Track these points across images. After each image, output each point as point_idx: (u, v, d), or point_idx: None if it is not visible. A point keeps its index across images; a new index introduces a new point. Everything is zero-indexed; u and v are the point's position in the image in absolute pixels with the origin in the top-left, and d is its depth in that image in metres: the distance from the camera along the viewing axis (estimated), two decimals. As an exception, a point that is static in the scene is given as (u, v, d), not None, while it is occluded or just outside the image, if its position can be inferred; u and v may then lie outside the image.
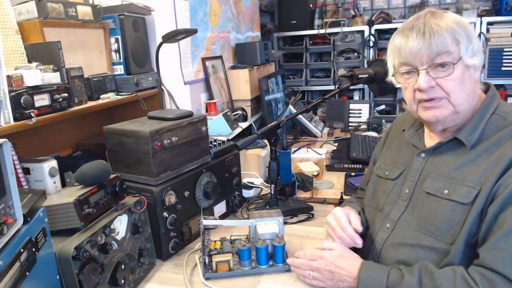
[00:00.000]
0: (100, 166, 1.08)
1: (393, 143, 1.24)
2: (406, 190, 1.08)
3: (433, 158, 1.05)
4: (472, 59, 0.96)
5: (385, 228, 1.09)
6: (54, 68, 1.24)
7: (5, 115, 1.05)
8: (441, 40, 0.93)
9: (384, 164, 1.21)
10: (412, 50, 0.96)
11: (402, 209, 1.07)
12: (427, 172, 1.05)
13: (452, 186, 0.97)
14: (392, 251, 1.05)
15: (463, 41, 0.94)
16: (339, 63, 3.52)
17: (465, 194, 0.94)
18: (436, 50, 0.94)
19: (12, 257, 0.75)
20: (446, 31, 0.93)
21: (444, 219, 0.96)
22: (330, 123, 3.07)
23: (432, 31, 0.94)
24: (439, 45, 0.93)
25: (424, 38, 0.94)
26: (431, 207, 0.99)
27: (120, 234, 1.12)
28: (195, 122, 1.38)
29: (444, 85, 0.95)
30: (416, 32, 0.95)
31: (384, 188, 1.16)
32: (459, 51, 0.94)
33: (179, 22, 1.93)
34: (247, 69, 2.49)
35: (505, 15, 3.11)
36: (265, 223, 1.22)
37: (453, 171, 0.99)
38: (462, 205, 0.94)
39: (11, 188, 0.77)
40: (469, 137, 0.98)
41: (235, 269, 1.18)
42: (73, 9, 1.43)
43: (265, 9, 3.64)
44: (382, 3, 3.76)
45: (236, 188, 1.61)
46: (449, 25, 0.94)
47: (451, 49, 0.94)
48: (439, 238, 0.96)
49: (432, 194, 1.00)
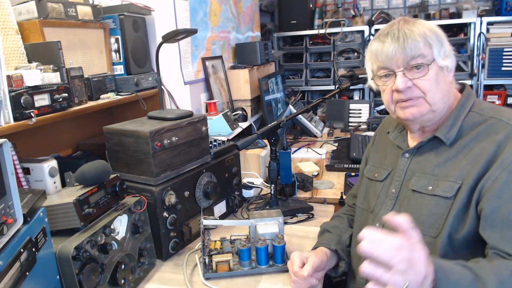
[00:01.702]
0: (100, 166, 1.08)
1: (380, 146, 1.28)
2: (392, 190, 1.12)
3: (417, 158, 1.09)
4: (445, 61, 1.01)
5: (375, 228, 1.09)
6: (54, 68, 1.24)
7: (5, 115, 1.05)
8: (414, 44, 0.99)
9: (373, 167, 1.25)
10: (388, 54, 1.01)
11: (389, 208, 1.10)
12: (412, 171, 1.09)
13: (435, 182, 1.01)
14: None
15: (435, 44, 1.00)
16: (339, 63, 3.52)
17: (447, 188, 0.98)
18: (410, 53, 0.99)
19: (12, 257, 0.75)
20: (418, 36, 0.99)
21: (428, 214, 1.00)
22: (330, 123, 3.07)
23: (405, 36, 0.99)
24: (412, 49, 0.99)
25: (398, 42, 1.00)
26: (417, 203, 1.03)
27: (120, 234, 1.12)
28: (195, 122, 1.38)
29: (420, 85, 1.01)
30: (391, 37, 1.01)
31: (374, 190, 1.19)
32: (432, 53, 1.00)
33: (179, 22, 1.93)
34: (247, 69, 2.49)
35: (505, 15, 3.11)
36: (265, 223, 1.22)
37: (436, 168, 1.03)
38: (445, 199, 0.98)
39: (11, 188, 0.77)
40: (447, 135, 1.03)
41: (235, 269, 1.18)
42: (73, 9, 1.43)
43: (265, 9, 3.64)
44: (382, 3, 3.76)
45: (236, 188, 1.61)
46: (421, 30, 1.00)
47: (424, 52, 0.99)
48: (424, 233, 0.98)
49: (417, 191, 1.04)
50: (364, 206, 1.23)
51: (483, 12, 3.19)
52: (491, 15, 3.20)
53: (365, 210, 1.21)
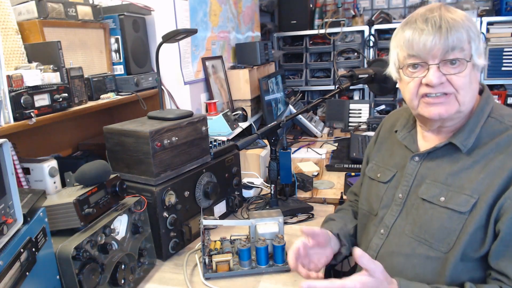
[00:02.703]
0: (100, 166, 1.08)
1: (384, 143, 1.21)
2: (399, 195, 1.05)
3: (428, 163, 1.02)
4: (479, 59, 0.93)
5: (380, 234, 1.06)
6: (54, 68, 1.24)
7: (5, 115, 1.05)
8: (457, 36, 0.89)
9: (375, 166, 1.18)
10: (426, 44, 0.90)
11: (395, 214, 1.04)
12: (421, 177, 1.01)
13: (449, 193, 0.94)
14: (387, 260, 1.01)
15: (476, 39, 0.91)
16: (339, 63, 3.52)
17: (462, 202, 0.91)
18: (452, 45, 0.89)
19: (12, 257, 0.75)
20: (462, 28, 0.89)
21: (440, 227, 0.93)
22: (330, 123, 3.07)
23: (449, 25, 0.89)
24: (455, 41, 0.89)
25: (440, 32, 0.89)
26: (427, 214, 0.97)
27: (120, 234, 1.12)
28: (195, 122, 1.38)
29: (454, 81, 0.91)
30: (432, 25, 0.89)
31: (377, 191, 1.12)
32: (470, 49, 0.91)
33: (179, 22, 1.93)
34: (247, 69, 2.49)
35: (505, 15, 3.11)
36: (265, 223, 1.22)
37: (450, 177, 0.96)
38: (459, 214, 0.91)
39: (11, 188, 0.77)
40: (465, 142, 0.95)
41: (235, 269, 1.18)
42: (73, 9, 1.43)
43: (265, 9, 3.64)
44: (382, 3, 3.76)
45: (236, 188, 1.61)
46: (464, 21, 0.90)
47: (465, 46, 0.90)
48: (433, 247, 0.94)
49: (428, 201, 0.97)
50: (365, 207, 1.17)
51: (483, 12, 3.19)
52: (491, 15, 3.20)
53: (367, 212, 1.16)
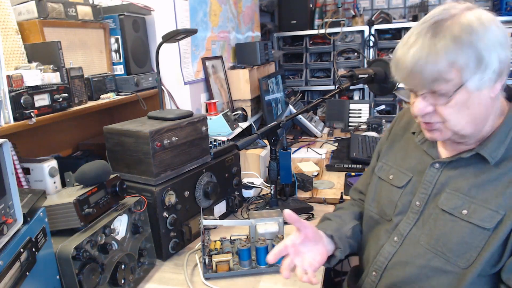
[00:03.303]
0: (100, 166, 1.08)
1: (397, 142, 1.13)
2: (417, 203, 0.99)
3: (449, 171, 0.95)
4: (483, 78, 0.81)
5: (393, 242, 1.01)
6: (54, 68, 1.24)
7: (5, 115, 1.05)
8: (437, 68, 0.81)
9: (386, 166, 1.11)
10: (408, 74, 0.85)
11: (411, 222, 0.98)
12: (442, 185, 0.95)
13: (472, 206, 0.88)
14: (400, 269, 0.98)
15: (469, 62, 0.79)
16: (339, 63, 3.52)
17: (487, 218, 0.85)
18: (431, 77, 0.82)
19: (12, 257, 0.75)
20: (444, 57, 0.80)
21: (460, 242, 0.88)
22: (330, 123, 3.07)
23: (428, 55, 0.81)
24: (434, 74, 0.81)
25: (418, 63, 0.82)
26: (446, 226, 0.91)
27: (120, 234, 1.12)
28: (195, 122, 1.38)
29: (440, 111, 0.86)
30: (413, 54, 0.83)
31: (390, 195, 1.06)
32: (461, 76, 0.81)
33: (179, 22, 1.93)
34: (247, 69, 2.49)
35: (505, 15, 3.11)
36: (265, 223, 1.22)
37: (473, 189, 0.89)
38: (482, 230, 0.85)
39: (11, 188, 0.77)
40: (494, 154, 0.88)
41: (235, 269, 1.18)
42: (73, 9, 1.43)
43: (265, 9, 3.64)
44: (382, 3, 3.76)
45: (236, 188, 1.61)
46: (449, 48, 0.79)
47: (449, 76, 0.81)
48: (451, 261, 0.89)
49: (448, 213, 0.91)
50: (375, 210, 1.10)
51: (483, 12, 3.19)
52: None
53: (377, 215, 1.09)
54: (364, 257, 1.12)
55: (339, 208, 1.27)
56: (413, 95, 0.90)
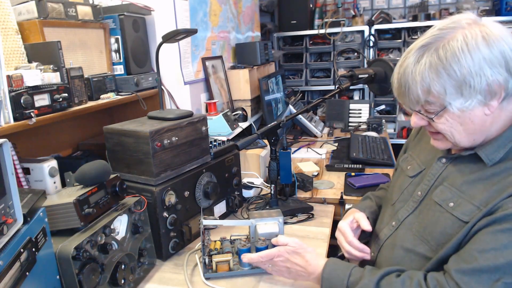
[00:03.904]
0: (100, 166, 1.08)
1: (424, 138, 1.17)
2: (418, 192, 1.05)
3: (452, 166, 1.00)
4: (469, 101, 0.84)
5: (391, 226, 1.09)
6: (54, 68, 1.24)
7: (5, 115, 1.04)
8: (416, 93, 0.88)
9: (410, 157, 1.17)
10: (398, 94, 0.93)
11: (410, 210, 1.05)
12: (442, 179, 1.00)
13: (459, 200, 0.92)
14: (389, 251, 1.06)
15: (447, 89, 0.84)
16: (339, 63, 3.52)
17: (467, 212, 0.89)
18: (415, 99, 0.89)
19: (12, 257, 0.75)
20: (418, 84, 0.86)
21: (442, 232, 0.93)
22: (330, 123, 3.07)
23: (407, 82, 0.88)
24: (415, 97, 0.89)
25: (403, 86, 0.90)
26: (434, 216, 0.97)
27: (120, 234, 1.12)
28: (195, 122, 1.38)
29: (433, 126, 0.93)
30: (400, 77, 0.91)
31: (401, 184, 1.13)
32: (441, 100, 0.86)
33: (179, 22, 1.93)
34: (247, 69, 2.49)
35: (505, 15, 3.11)
36: (265, 223, 1.22)
37: (465, 185, 0.93)
38: (461, 222, 0.90)
39: (11, 188, 0.77)
40: (491, 156, 0.91)
41: (235, 269, 1.18)
42: (73, 9, 1.43)
43: (265, 9, 3.64)
44: (382, 3, 3.77)
45: (236, 188, 1.61)
46: (425, 75, 0.85)
47: (430, 99, 0.87)
48: (433, 249, 0.95)
49: (439, 204, 0.97)
50: (388, 194, 1.20)
51: (483, 12, 3.20)
52: (491, 15, 3.20)
53: (388, 200, 1.18)
54: (373, 234, 1.19)
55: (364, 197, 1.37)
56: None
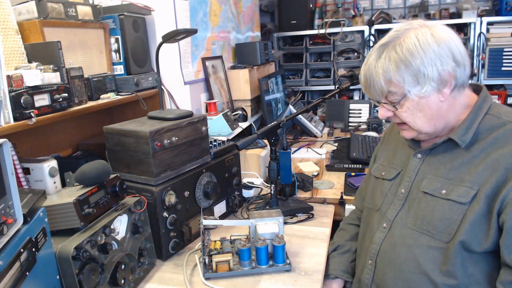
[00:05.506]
0: (100, 166, 1.08)
1: (389, 145, 1.27)
2: (402, 190, 1.10)
3: (430, 159, 1.07)
4: (424, 88, 0.96)
5: (382, 228, 1.10)
6: (54, 68, 1.24)
7: (5, 115, 1.04)
8: (379, 86, 1.00)
9: (380, 166, 1.24)
10: (364, 88, 1.05)
11: (398, 208, 1.09)
12: (424, 172, 1.07)
13: (450, 186, 0.99)
14: (390, 252, 1.06)
15: (405, 78, 0.96)
16: (339, 63, 3.52)
17: (463, 193, 0.96)
18: (379, 91, 1.01)
19: (12, 257, 0.75)
20: (381, 75, 0.98)
21: (441, 218, 0.98)
22: (330, 123, 3.07)
23: (371, 75, 1.00)
24: (378, 89, 1.01)
25: (368, 80, 1.02)
26: (428, 206, 1.01)
27: (120, 234, 1.12)
28: (195, 122, 1.38)
29: (398, 115, 1.04)
30: (365, 73, 1.03)
31: (382, 189, 1.17)
32: (402, 88, 0.98)
33: (179, 22, 1.93)
34: (247, 69, 2.49)
35: (505, 15, 3.11)
36: (265, 223, 1.22)
37: (451, 172, 1.01)
38: (459, 204, 0.96)
39: (11, 188, 0.77)
40: (463, 137, 1.00)
41: (235, 269, 1.18)
42: (73, 9, 1.43)
43: (265, 9, 3.64)
44: (382, 3, 3.77)
45: (236, 188, 1.61)
46: (385, 66, 0.97)
47: (392, 90, 0.99)
48: (436, 237, 0.98)
49: (430, 194, 1.02)
50: (370, 205, 1.22)
51: (483, 12, 3.20)
52: (491, 15, 3.20)
53: (371, 209, 1.20)
54: (362, 250, 1.19)
55: (340, 229, 1.41)
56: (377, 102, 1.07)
